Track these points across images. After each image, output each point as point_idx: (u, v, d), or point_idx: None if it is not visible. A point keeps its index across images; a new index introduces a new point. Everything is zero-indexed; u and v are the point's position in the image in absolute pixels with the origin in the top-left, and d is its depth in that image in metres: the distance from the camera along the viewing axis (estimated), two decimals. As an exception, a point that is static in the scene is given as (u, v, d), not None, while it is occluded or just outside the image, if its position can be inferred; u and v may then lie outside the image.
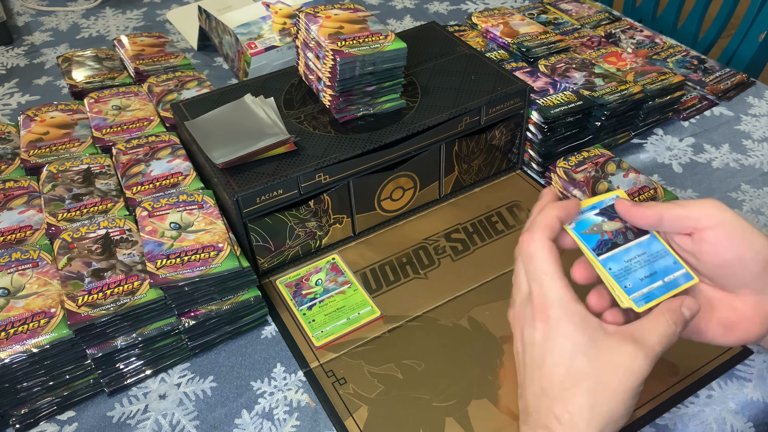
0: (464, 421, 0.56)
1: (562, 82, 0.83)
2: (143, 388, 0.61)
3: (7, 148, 0.78)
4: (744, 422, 0.56)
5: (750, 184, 0.80)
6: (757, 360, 0.60)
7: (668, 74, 0.86)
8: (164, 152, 0.73)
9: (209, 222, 0.64)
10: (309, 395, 0.60)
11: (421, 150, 0.72)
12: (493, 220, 0.76)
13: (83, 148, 0.76)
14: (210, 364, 0.63)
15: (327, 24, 0.72)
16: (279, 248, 0.69)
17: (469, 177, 0.79)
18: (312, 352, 0.63)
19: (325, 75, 0.70)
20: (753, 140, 0.86)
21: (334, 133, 0.70)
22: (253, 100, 0.74)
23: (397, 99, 0.73)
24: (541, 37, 0.93)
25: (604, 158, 0.76)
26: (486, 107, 0.74)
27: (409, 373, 0.60)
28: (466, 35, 0.97)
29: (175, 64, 0.96)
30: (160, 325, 0.59)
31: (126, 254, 0.61)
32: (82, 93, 0.89)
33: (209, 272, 0.59)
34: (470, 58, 0.81)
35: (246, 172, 0.65)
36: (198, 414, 0.59)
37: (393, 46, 0.70)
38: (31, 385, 0.56)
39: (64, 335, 0.55)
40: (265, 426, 0.57)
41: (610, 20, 1.06)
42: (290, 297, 0.67)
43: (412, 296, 0.67)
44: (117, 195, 0.69)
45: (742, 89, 0.95)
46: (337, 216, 0.71)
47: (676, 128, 0.89)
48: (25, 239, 0.65)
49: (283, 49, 0.92)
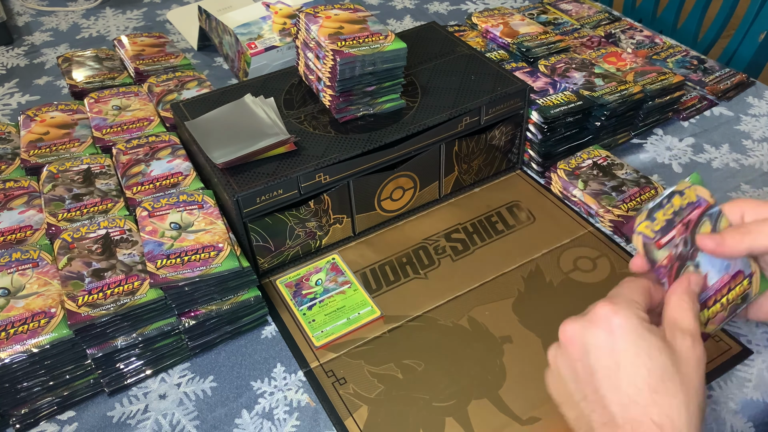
0: (464, 421, 0.56)
1: (562, 82, 0.83)
2: (143, 388, 0.61)
3: (7, 148, 0.78)
4: (744, 422, 0.56)
5: (750, 184, 0.80)
6: (757, 360, 0.60)
7: (668, 74, 0.86)
8: (164, 152, 0.73)
9: (209, 222, 0.64)
10: (309, 395, 0.60)
11: (421, 150, 0.72)
12: (493, 220, 0.76)
13: (83, 148, 0.76)
14: (210, 364, 0.63)
15: (327, 24, 0.72)
16: (279, 248, 0.69)
17: (469, 177, 0.79)
18: (312, 352, 0.63)
19: (325, 75, 0.70)
20: (753, 140, 0.86)
21: (334, 133, 0.70)
22: (253, 100, 0.74)
23: (397, 99, 0.73)
24: (541, 37, 0.93)
25: (696, 215, 0.52)
26: (486, 107, 0.74)
27: (409, 373, 0.60)
28: (466, 35, 0.97)
29: (175, 64, 0.96)
30: (160, 325, 0.59)
31: (126, 254, 0.61)
32: (82, 93, 0.89)
33: (209, 272, 0.59)
34: (470, 58, 0.81)
35: (246, 172, 0.65)
36: (198, 414, 0.59)
37: (393, 46, 0.70)
38: (31, 385, 0.56)
39: (64, 335, 0.55)
40: (265, 426, 0.57)
41: (610, 20, 1.06)
42: (290, 297, 0.67)
43: (412, 296, 0.67)
44: (117, 195, 0.69)
45: (742, 89, 0.95)
46: (337, 216, 0.71)
47: (676, 128, 0.89)
48: (25, 239, 0.65)
49: (283, 49, 0.92)
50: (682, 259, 0.49)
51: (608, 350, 0.44)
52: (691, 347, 0.44)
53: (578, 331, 0.45)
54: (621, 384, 0.43)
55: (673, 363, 0.43)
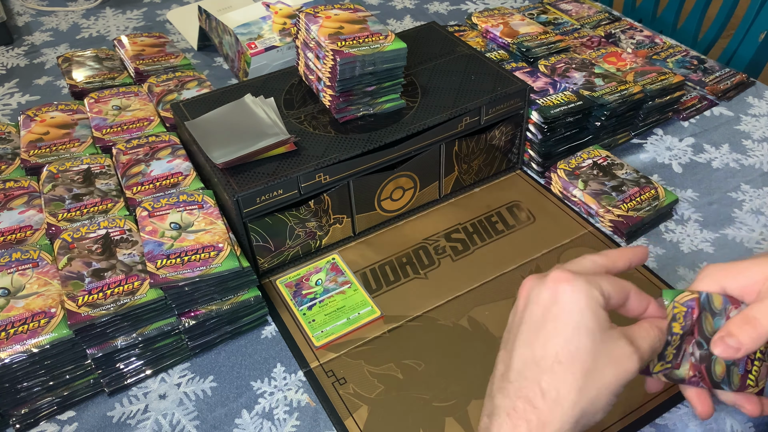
0: (464, 421, 0.56)
1: (562, 82, 0.83)
2: (143, 388, 0.61)
3: (7, 148, 0.78)
4: (744, 422, 0.56)
5: (750, 184, 0.80)
6: (757, 360, 0.60)
7: (668, 74, 0.86)
8: (164, 152, 0.73)
9: (209, 222, 0.64)
10: (309, 395, 0.60)
11: (421, 150, 0.72)
12: (493, 220, 0.76)
13: (83, 148, 0.76)
14: (210, 364, 0.63)
15: (327, 24, 0.72)
16: (279, 248, 0.69)
17: (469, 177, 0.79)
18: (312, 352, 0.63)
19: (325, 75, 0.70)
20: (753, 140, 0.86)
21: (334, 133, 0.70)
22: (253, 100, 0.74)
23: (397, 99, 0.73)
24: (541, 37, 0.93)
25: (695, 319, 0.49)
26: (486, 107, 0.74)
27: (409, 373, 0.60)
28: (466, 35, 0.97)
29: (175, 64, 0.96)
30: (160, 325, 0.59)
31: (126, 254, 0.61)
32: (82, 93, 0.89)
33: (209, 272, 0.59)
34: (470, 58, 0.81)
35: (246, 172, 0.65)
36: (198, 414, 0.59)
37: (393, 46, 0.70)
38: (31, 385, 0.56)
39: (64, 335, 0.55)
40: (265, 426, 0.57)
41: (610, 20, 1.06)
42: (290, 297, 0.67)
43: (412, 296, 0.67)
44: (117, 195, 0.69)
45: (742, 89, 0.95)
46: (337, 216, 0.71)
47: (676, 128, 0.89)
48: (25, 239, 0.65)
49: (283, 49, 0.92)
50: (706, 360, 0.48)
51: (543, 308, 0.43)
52: (627, 357, 0.42)
53: (529, 284, 0.45)
54: (534, 343, 0.42)
55: (593, 351, 0.41)
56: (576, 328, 0.41)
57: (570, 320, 0.42)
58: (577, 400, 0.40)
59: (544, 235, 0.73)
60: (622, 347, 0.42)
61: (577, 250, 0.71)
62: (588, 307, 0.42)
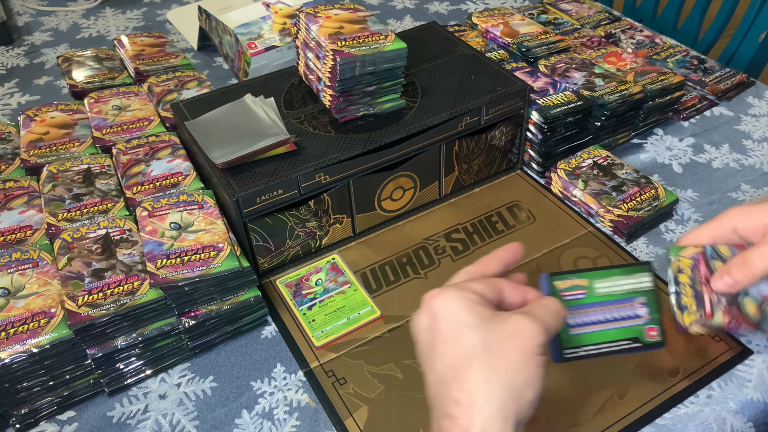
0: (464, 421, 0.56)
1: (562, 82, 0.83)
2: (143, 388, 0.61)
3: (7, 148, 0.78)
4: (744, 422, 0.56)
5: (750, 184, 0.80)
6: (756, 360, 0.60)
7: (668, 74, 0.86)
8: (164, 152, 0.73)
9: (209, 222, 0.64)
10: (309, 395, 0.60)
11: (421, 150, 0.72)
12: (493, 220, 0.76)
13: (83, 148, 0.76)
14: (210, 364, 0.63)
15: (327, 24, 0.72)
16: (279, 248, 0.69)
17: (469, 177, 0.79)
18: (312, 352, 0.63)
19: (325, 75, 0.70)
20: (753, 140, 0.86)
21: (334, 133, 0.70)
22: (253, 100, 0.74)
23: (397, 99, 0.73)
24: (541, 37, 0.93)
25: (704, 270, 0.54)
26: (486, 107, 0.74)
27: (409, 373, 0.60)
28: (466, 35, 0.97)
29: (175, 64, 0.96)
30: (160, 325, 0.59)
31: (126, 254, 0.61)
32: (82, 93, 0.89)
33: (209, 272, 0.59)
34: (470, 58, 0.81)
35: (246, 172, 0.65)
36: (198, 414, 0.59)
37: (393, 46, 0.70)
38: (31, 385, 0.56)
39: (64, 335, 0.55)
40: (265, 426, 0.57)
41: (610, 20, 1.06)
42: (290, 297, 0.67)
43: (412, 296, 0.67)
44: (117, 195, 0.69)
45: (742, 89, 0.95)
46: (337, 216, 0.71)
47: (676, 128, 0.89)
48: (25, 239, 0.65)
49: (283, 49, 0.92)
50: (733, 303, 0.51)
51: (428, 330, 0.44)
52: (524, 326, 0.42)
53: (414, 319, 0.46)
54: (434, 364, 0.43)
55: (484, 340, 0.41)
56: (458, 330, 0.42)
57: (451, 327, 0.43)
58: (488, 391, 0.40)
59: (545, 235, 0.73)
60: (515, 321, 0.42)
61: (577, 250, 0.71)
62: (463, 308, 0.43)
